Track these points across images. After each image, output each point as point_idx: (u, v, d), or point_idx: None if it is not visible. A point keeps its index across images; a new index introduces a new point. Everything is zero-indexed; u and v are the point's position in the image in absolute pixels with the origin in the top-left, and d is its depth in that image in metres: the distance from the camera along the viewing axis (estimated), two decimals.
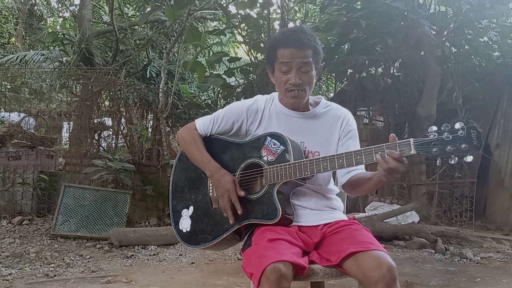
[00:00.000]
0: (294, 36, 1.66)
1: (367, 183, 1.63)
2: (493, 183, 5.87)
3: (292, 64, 1.66)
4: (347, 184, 1.73)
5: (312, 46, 1.67)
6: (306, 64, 1.66)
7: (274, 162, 1.64)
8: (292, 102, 1.73)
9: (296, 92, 1.69)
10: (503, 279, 3.45)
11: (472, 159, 1.35)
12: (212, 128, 1.82)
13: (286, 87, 1.69)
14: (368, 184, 1.63)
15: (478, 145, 1.34)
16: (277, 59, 1.69)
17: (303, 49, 1.65)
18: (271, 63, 1.74)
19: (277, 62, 1.69)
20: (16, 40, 12.41)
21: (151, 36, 7.38)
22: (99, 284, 3.20)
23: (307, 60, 1.66)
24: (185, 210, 1.82)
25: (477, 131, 1.34)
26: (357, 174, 1.69)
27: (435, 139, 1.38)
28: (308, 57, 1.66)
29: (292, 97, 1.71)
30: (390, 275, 1.41)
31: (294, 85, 1.67)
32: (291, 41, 1.66)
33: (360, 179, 1.67)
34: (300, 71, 1.66)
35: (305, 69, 1.67)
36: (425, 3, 5.77)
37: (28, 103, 7.02)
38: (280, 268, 1.38)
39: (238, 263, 3.81)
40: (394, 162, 1.42)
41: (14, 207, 5.00)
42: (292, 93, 1.70)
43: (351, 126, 1.78)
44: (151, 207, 5.31)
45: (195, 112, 6.62)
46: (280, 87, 1.73)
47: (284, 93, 1.71)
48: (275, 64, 1.71)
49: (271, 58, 1.72)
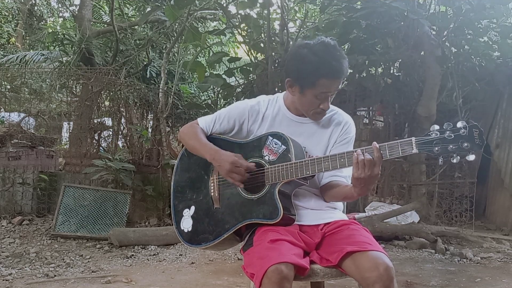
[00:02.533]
0: (339, 67, 1.61)
1: (339, 189, 1.67)
2: (493, 183, 5.87)
3: (330, 93, 1.66)
4: (324, 186, 1.74)
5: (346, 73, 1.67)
6: (338, 89, 1.68)
7: (275, 161, 1.64)
8: (316, 119, 1.75)
9: (324, 114, 1.72)
10: (503, 279, 3.45)
11: (474, 158, 1.35)
12: (214, 126, 1.82)
13: (315, 110, 1.69)
14: (339, 190, 1.66)
15: (481, 144, 1.34)
16: (315, 87, 1.62)
17: (342, 77, 1.65)
18: (303, 85, 1.65)
19: (314, 89, 1.63)
20: (16, 40, 12.40)
21: (151, 36, 7.38)
22: (99, 284, 3.20)
23: (340, 85, 1.68)
24: (186, 210, 1.82)
25: (479, 129, 1.34)
26: (338, 180, 1.71)
27: (437, 138, 1.38)
28: (341, 82, 1.67)
29: (319, 117, 1.74)
30: (387, 276, 1.41)
31: (324, 110, 1.69)
32: (335, 72, 1.61)
33: (337, 184, 1.69)
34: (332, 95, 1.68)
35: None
36: (425, 3, 5.77)
37: (28, 103, 7.02)
38: (282, 270, 1.38)
39: (238, 263, 3.81)
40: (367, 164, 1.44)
41: (14, 207, 5.00)
42: (320, 115, 1.72)
43: (349, 133, 1.78)
44: (151, 207, 5.31)
45: (195, 112, 6.62)
46: (307, 109, 1.70)
47: (312, 114, 1.71)
48: (310, 89, 1.63)
49: (307, 83, 1.63)
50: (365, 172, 1.45)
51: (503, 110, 5.80)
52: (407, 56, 5.57)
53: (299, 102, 1.71)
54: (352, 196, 1.59)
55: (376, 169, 1.46)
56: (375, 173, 1.46)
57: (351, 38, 5.77)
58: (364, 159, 1.45)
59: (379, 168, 1.46)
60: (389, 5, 4.95)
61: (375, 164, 1.45)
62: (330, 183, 1.72)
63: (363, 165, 1.45)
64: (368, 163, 1.44)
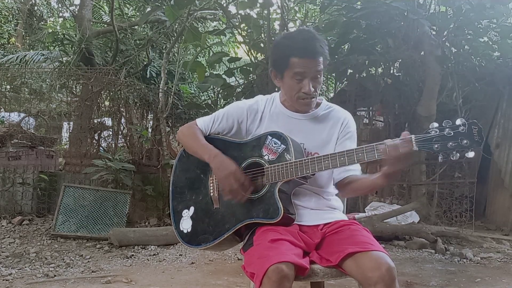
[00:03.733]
0: (308, 45, 1.63)
1: (360, 181, 1.66)
2: (493, 183, 5.87)
3: (306, 74, 1.64)
4: (340, 183, 1.74)
5: (324, 53, 1.66)
6: (319, 72, 1.66)
7: (275, 161, 1.64)
8: (304, 109, 1.74)
9: (308, 100, 1.69)
10: (503, 279, 3.45)
11: (473, 155, 1.35)
12: (213, 126, 1.82)
13: (298, 95, 1.68)
14: (361, 182, 1.66)
15: (480, 141, 1.34)
16: (289, 67, 1.65)
17: (316, 58, 1.64)
18: (279, 69, 1.69)
19: (288, 70, 1.65)
20: (16, 40, 12.40)
21: (151, 36, 7.38)
22: (99, 284, 3.20)
23: (320, 68, 1.66)
24: (185, 210, 1.81)
25: (478, 127, 1.34)
26: (353, 174, 1.71)
27: (436, 135, 1.39)
28: (321, 65, 1.66)
29: (304, 105, 1.72)
30: (389, 276, 1.41)
31: (307, 94, 1.67)
32: (306, 51, 1.62)
33: (356, 178, 1.69)
34: (313, 79, 1.66)
35: (317, 77, 1.67)
36: (425, 3, 5.77)
37: (28, 103, 7.02)
38: (282, 269, 1.38)
39: (238, 263, 3.81)
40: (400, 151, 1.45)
41: (14, 207, 5.00)
42: (305, 101, 1.70)
43: (350, 128, 1.78)
44: (151, 207, 5.31)
45: (195, 112, 6.63)
46: (291, 94, 1.70)
47: (296, 101, 1.70)
48: (286, 71, 1.66)
49: (281, 65, 1.67)
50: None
51: (503, 110, 5.80)
52: (407, 56, 5.57)
53: (283, 90, 1.74)
54: (380, 185, 1.60)
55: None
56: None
57: (351, 38, 5.77)
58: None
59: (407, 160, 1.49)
60: (389, 5, 4.95)
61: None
62: (347, 178, 1.71)
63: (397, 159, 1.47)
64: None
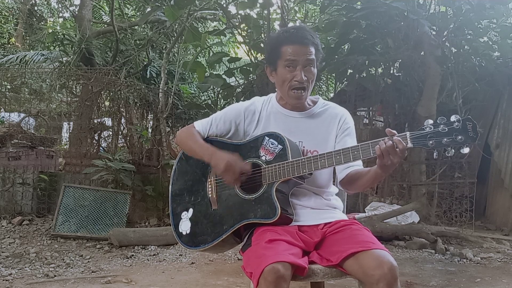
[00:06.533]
0: (298, 33, 1.68)
1: (364, 176, 1.64)
2: (493, 183, 5.87)
3: (298, 61, 1.66)
4: (345, 179, 1.73)
5: (314, 43, 1.69)
6: (311, 61, 1.68)
7: (272, 161, 1.65)
8: (295, 103, 1.74)
9: (299, 93, 1.69)
10: (503, 279, 3.45)
11: (469, 150, 1.36)
12: (211, 129, 1.82)
13: (291, 84, 1.69)
14: (365, 177, 1.64)
15: (475, 136, 1.34)
16: (281, 57, 1.68)
17: (307, 45, 1.67)
18: (273, 61, 1.72)
19: (281, 60, 1.69)
20: (16, 40, 12.40)
21: (151, 36, 7.38)
22: (99, 284, 3.20)
23: (311, 57, 1.67)
24: (184, 212, 1.82)
25: (473, 122, 1.35)
26: (355, 169, 1.70)
27: (431, 132, 1.39)
28: (312, 54, 1.67)
29: (295, 98, 1.71)
30: (391, 275, 1.40)
31: (299, 82, 1.67)
32: (296, 38, 1.67)
33: (358, 173, 1.68)
34: (305, 68, 1.67)
35: (309, 66, 1.68)
36: (425, 3, 5.77)
37: (28, 103, 7.03)
38: (279, 269, 1.38)
39: (238, 263, 3.81)
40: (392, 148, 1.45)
41: (14, 207, 5.01)
42: (296, 94, 1.70)
43: (348, 124, 1.78)
44: (151, 207, 5.32)
45: (195, 112, 6.62)
46: (283, 85, 1.71)
47: (288, 92, 1.71)
48: (279, 61, 1.70)
49: (274, 56, 1.71)
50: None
51: (503, 110, 5.80)
52: (407, 56, 5.57)
53: (278, 84, 1.74)
54: (381, 176, 1.59)
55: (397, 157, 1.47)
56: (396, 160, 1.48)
57: (351, 38, 5.77)
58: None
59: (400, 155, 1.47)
60: (389, 5, 4.95)
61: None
62: (350, 174, 1.71)
63: (386, 152, 1.46)
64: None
